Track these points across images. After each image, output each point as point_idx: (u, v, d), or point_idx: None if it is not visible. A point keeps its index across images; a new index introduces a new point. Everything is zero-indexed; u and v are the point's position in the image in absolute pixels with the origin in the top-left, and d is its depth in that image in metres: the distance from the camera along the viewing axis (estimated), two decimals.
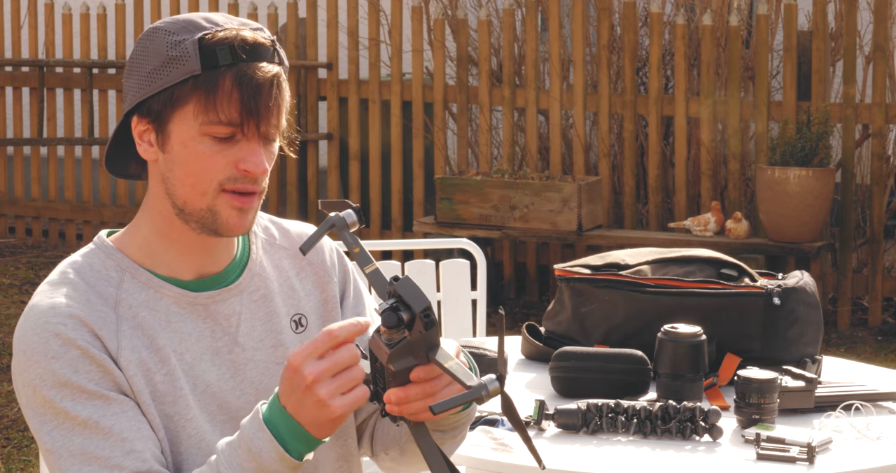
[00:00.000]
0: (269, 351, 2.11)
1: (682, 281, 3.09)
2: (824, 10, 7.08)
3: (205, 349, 2.06)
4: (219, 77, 1.96)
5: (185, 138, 1.99)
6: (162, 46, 1.99)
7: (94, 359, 1.96)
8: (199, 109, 1.97)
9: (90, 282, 2.03)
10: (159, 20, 2.03)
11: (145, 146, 2.03)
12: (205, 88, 1.96)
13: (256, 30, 2.03)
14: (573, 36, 7.58)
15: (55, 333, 1.96)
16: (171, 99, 1.98)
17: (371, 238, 7.89)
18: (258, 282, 2.12)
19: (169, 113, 1.99)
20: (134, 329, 2.01)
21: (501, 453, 2.57)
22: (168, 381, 2.01)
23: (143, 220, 2.08)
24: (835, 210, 7.16)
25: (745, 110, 7.21)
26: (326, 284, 2.19)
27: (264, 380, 2.10)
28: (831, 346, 6.66)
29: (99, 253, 2.06)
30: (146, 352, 2.01)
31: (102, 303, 2.01)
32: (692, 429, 2.66)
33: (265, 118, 1.98)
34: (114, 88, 8.67)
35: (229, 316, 2.08)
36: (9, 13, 9.05)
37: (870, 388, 2.93)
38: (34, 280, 7.84)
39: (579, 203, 6.91)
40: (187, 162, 2.00)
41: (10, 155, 9.10)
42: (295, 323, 2.14)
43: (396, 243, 4.22)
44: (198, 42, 1.97)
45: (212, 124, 1.98)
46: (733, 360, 3.00)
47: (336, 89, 8.09)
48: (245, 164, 1.99)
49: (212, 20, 2.02)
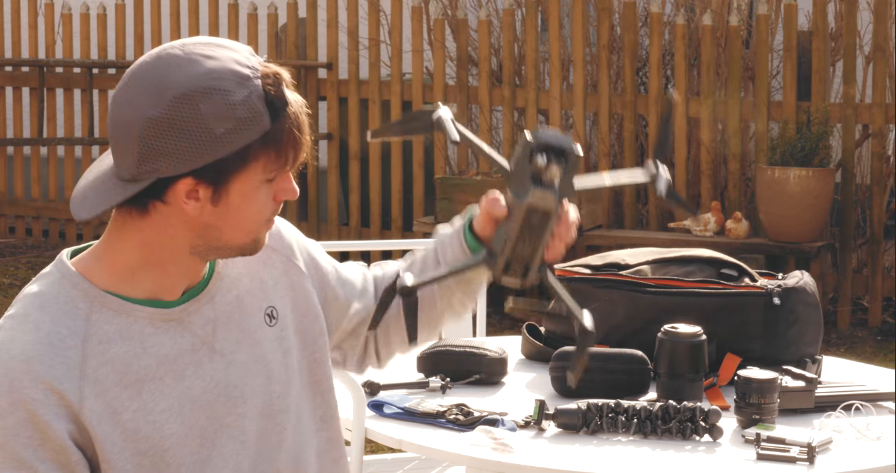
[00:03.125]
0: (248, 350, 2.08)
1: (682, 281, 3.09)
2: (824, 10, 7.08)
3: (186, 364, 2.02)
4: (282, 126, 1.93)
5: (247, 190, 1.95)
6: (223, 108, 1.89)
7: (39, 425, 1.91)
8: (271, 160, 1.94)
9: (56, 319, 1.96)
10: (182, 75, 1.89)
11: (192, 203, 1.94)
12: (275, 141, 1.93)
13: (262, 59, 1.98)
14: (573, 36, 7.58)
15: (8, 390, 1.91)
16: (244, 157, 1.92)
17: (371, 238, 7.89)
18: (228, 284, 2.09)
19: (234, 170, 1.93)
20: (102, 366, 1.95)
21: (501, 453, 2.57)
22: (138, 417, 1.97)
23: (126, 249, 1.99)
24: (835, 210, 7.16)
25: (745, 110, 7.21)
26: (292, 269, 2.17)
27: (248, 380, 2.08)
28: (831, 346, 6.66)
29: (64, 283, 1.98)
30: (115, 391, 1.96)
31: (68, 345, 1.94)
32: (692, 429, 2.66)
33: (303, 148, 1.98)
34: (113, 88, 8.66)
35: (203, 325, 2.05)
36: (9, 13, 9.05)
37: (870, 388, 2.93)
38: None
39: (579, 203, 6.92)
40: (244, 210, 1.96)
41: (10, 155, 9.10)
42: (268, 317, 2.12)
43: (396, 243, 4.22)
44: (263, 96, 1.92)
45: (275, 170, 1.96)
46: (733, 360, 3.00)
47: (336, 89, 8.09)
48: (286, 194, 1.99)
49: (240, 62, 1.93)
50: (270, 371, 2.10)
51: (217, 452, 2.04)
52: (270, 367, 2.11)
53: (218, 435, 2.04)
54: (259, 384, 2.08)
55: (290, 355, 2.14)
